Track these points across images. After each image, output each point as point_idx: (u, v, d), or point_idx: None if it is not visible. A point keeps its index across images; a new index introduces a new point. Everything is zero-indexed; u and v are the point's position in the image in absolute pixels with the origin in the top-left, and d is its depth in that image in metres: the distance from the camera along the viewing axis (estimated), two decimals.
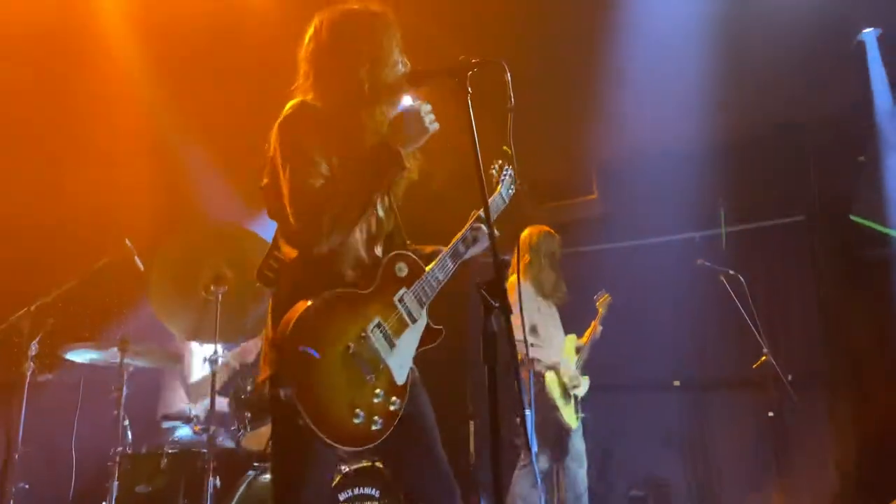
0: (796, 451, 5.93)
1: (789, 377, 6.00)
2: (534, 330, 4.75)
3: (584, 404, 5.03)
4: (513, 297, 4.70)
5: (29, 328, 3.54)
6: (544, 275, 4.95)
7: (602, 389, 6.49)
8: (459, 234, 2.36)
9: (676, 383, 6.67)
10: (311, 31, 2.27)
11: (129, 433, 3.83)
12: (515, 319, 1.88)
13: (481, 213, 2.35)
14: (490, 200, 2.47)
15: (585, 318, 5.28)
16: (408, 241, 2.41)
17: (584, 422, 4.95)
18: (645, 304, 6.73)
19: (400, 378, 2.13)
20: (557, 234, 6.62)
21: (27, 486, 3.53)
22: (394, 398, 2.11)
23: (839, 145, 5.89)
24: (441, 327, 2.28)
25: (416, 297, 2.22)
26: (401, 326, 2.17)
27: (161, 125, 4.84)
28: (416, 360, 2.21)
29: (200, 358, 4.04)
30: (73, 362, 3.77)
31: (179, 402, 4.18)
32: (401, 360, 2.14)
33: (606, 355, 6.39)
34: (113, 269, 3.74)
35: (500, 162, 2.60)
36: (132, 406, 3.96)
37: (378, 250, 2.26)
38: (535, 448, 1.80)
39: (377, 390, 2.07)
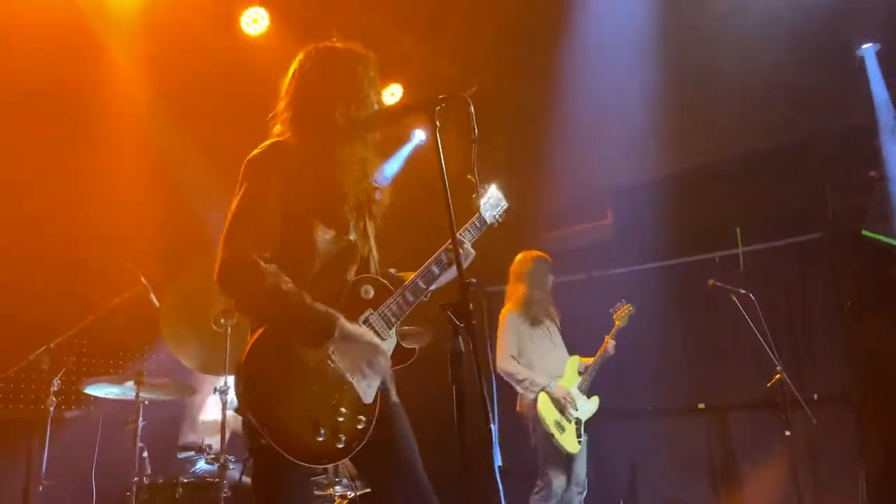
0: (824, 471, 5.85)
1: (814, 396, 5.98)
2: (516, 357, 4.84)
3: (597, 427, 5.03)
4: (501, 326, 4.82)
5: (50, 365, 3.70)
6: (533, 300, 4.99)
7: (626, 415, 6.52)
8: (434, 257, 2.41)
9: (701, 406, 6.61)
10: (294, 65, 2.40)
11: (148, 464, 3.99)
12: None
13: (459, 234, 2.44)
14: (469, 223, 2.55)
15: (599, 343, 5.21)
16: (392, 270, 2.50)
17: (587, 444, 4.93)
18: (665, 327, 6.74)
19: (367, 397, 2.21)
20: (568, 258, 6.69)
21: None
22: (360, 417, 2.18)
23: (852, 161, 5.88)
24: (414, 347, 2.34)
25: (382, 318, 2.29)
26: None
27: (171, 162, 5.06)
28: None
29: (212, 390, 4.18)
30: (94, 398, 3.94)
31: (191, 432, 4.32)
32: (368, 380, 2.21)
33: (629, 379, 6.43)
34: (129, 305, 3.90)
35: (485, 186, 2.67)
36: (152, 437, 4.12)
37: (350, 274, 2.33)
38: (498, 462, 1.84)
39: (342, 409, 2.14)
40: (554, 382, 4.79)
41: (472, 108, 2.17)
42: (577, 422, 4.81)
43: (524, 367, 4.82)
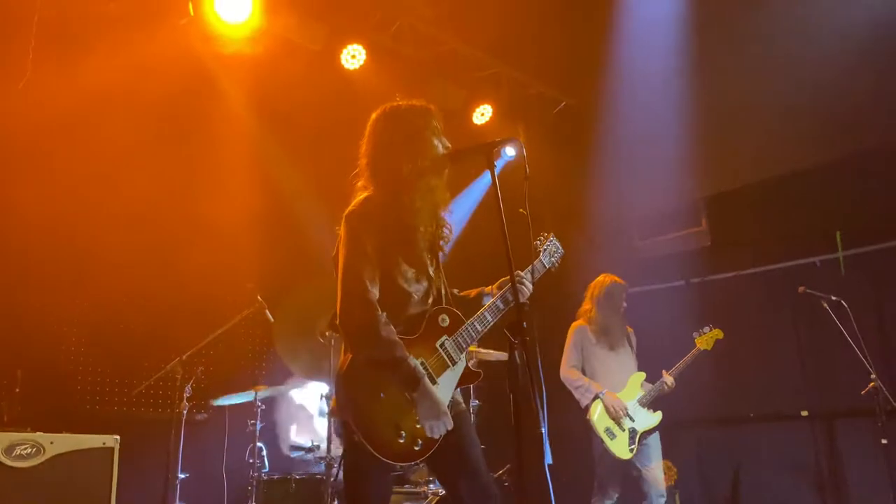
0: None
1: None
2: (579, 368, 5.05)
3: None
4: (568, 339, 5.08)
5: (182, 374, 4.26)
6: (603, 320, 5.14)
7: (728, 421, 6.52)
8: (499, 294, 2.76)
9: (804, 413, 6.51)
10: (367, 128, 2.79)
11: (266, 461, 4.49)
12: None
13: (520, 272, 2.75)
14: (530, 266, 2.86)
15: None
16: (455, 290, 2.85)
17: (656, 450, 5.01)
18: (767, 333, 6.68)
19: None
20: (664, 265, 6.75)
21: None
22: None
23: None
24: (480, 371, 2.71)
25: (455, 343, 2.66)
26: (441, 367, 2.61)
27: (283, 193, 5.59)
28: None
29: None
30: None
31: (301, 433, 4.81)
32: (441, 395, 2.56)
33: (730, 385, 6.43)
34: (248, 321, 4.41)
35: (545, 234, 3.01)
36: (269, 438, 4.62)
37: (428, 304, 2.70)
38: (548, 460, 2.12)
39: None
40: (606, 392, 4.93)
41: (524, 150, 2.44)
42: (632, 431, 4.91)
43: (584, 376, 5.03)
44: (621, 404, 4.92)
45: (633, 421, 4.94)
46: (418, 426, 2.49)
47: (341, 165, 2.92)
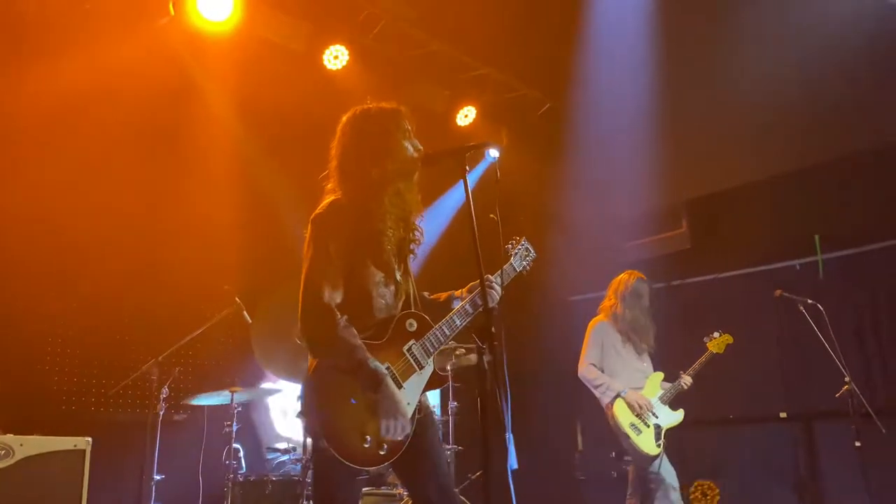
0: None
1: None
2: (598, 365, 4.97)
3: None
4: (587, 334, 4.98)
5: (159, 375, 4.25)
6: (628, 317, 5.08)
7: (708, 423, 6.56)
8: (468, 298, 2.76)
9: (783, 415, 6.56)
10: (338, 131, 2.77)
11: (243, 463, 4.49)
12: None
13: (489, 276, 2.72)
14: (500, 270, 2.84)
15: (678, 352, 5.30)
16: (425, 293, 2.85)
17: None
18: (747, 335, 6.70)
19: (407, 416, 2.53)
20: (647, 267, 6.77)
21: None
22: None
23: None
24: (447, 374, 2.68)
25: (423, 348, 2.65)
26: (408, 371, 2.60)
27: (261, 193, 5.56)
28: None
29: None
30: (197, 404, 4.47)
31: (275, 436, 4.81)
32: (407, 399, 2.55)
33: (710, 387, 6.47)
34: (226, 322, 4.40)
35: (516, 238, 3.00)
36: (246, 439, 4.62)
37: (397, 308, 2.70)
38: (513, 465, 2.12)
39: None
40: (628, 389, 4.87)
41: (496, 154, 2.44)
42: (657, 427, 4.87)
43: (603, 374, 4.95)
44: (645, 400, 4.87)
45: (657, 417, 4.90)
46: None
47: (322, 167, 2.88)
